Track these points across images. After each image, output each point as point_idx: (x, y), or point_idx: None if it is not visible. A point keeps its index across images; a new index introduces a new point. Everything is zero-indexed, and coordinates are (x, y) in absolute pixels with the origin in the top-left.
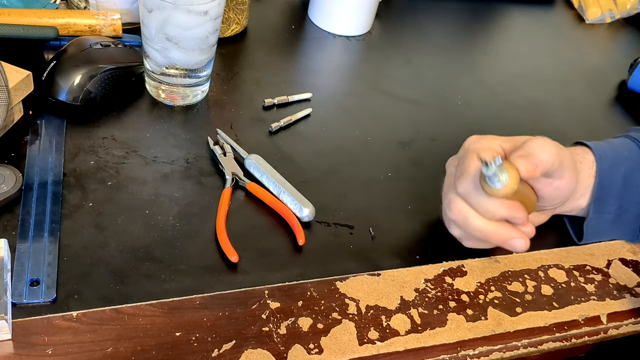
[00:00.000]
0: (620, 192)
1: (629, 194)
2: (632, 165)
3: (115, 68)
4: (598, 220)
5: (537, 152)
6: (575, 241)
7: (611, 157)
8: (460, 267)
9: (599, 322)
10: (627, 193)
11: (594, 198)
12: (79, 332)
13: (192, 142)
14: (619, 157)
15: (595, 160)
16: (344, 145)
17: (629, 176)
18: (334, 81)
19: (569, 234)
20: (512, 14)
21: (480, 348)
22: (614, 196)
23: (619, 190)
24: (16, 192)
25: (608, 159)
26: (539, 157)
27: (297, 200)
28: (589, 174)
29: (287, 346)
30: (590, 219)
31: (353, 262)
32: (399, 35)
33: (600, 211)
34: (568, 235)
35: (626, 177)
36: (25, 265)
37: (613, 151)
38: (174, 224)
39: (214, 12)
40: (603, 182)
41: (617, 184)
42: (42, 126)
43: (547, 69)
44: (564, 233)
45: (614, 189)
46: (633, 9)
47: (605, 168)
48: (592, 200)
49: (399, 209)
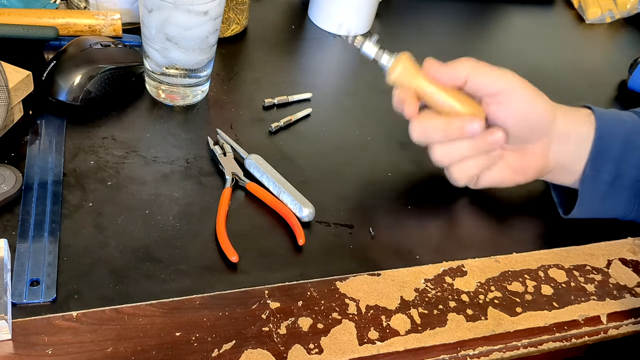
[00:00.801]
0: (619, 153)
1: (628, 155)
2: (632, 128)
3: (115, 68)
4: (594, 180)
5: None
6: (561, 214)
7: (611, 116)
8: (460, 267)
9: (599, 322)
10: (627, 155)
11: (592, 153)
12: (79, 332)
13: (192, 142)
14: (619, 119)
15: (594, 115)
16: (344, 145)
17: (629, 137)
18: (334, 81)
19: (569, 234)
20: (512, 14)
21: (480, 348)
22: (612, 156)
23: (619, 150)
24: (16, 192)
25: (608, 117)
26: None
27: (297, 200)
28: (585, 120)
29: (287, 346)
30: (586, 176)
31: (353, 262)
32: (399, 35)
33: (597, 169)
34: (568, 235)
35: (627, 138)
36: (25, 265)
37: (613, 113)
38: (174, 224)
39: (214, 12)
40: (603, 136)
41: (617, 143)
42: (42, 126)
43: (547, 69)
44: (564, 233)
45: (614, 148)
46: (633, 9)
47: (605, 124)
48: (590, 157)
49: (399, 209)
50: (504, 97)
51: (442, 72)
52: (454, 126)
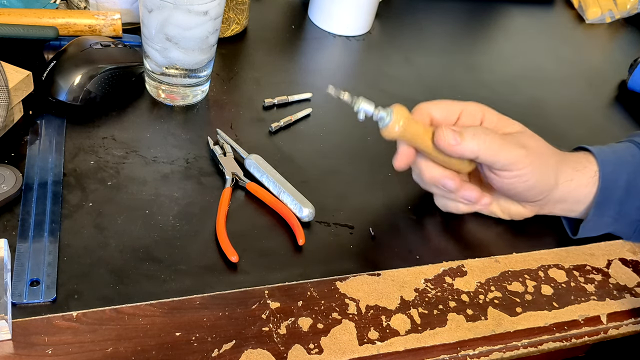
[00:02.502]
0: (621, 198)
1: (630, 199)
2: (635, 171)
3: (115, 68)
4: (596, 222)
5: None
6: (570, 235)
7: (614, 161)
8: (460, 267)
9: (599, 322)
10: (629, 198)
11: (595, 202)
12: (79, 332)
13: (192, 142)
14: (622, 163)
15: (598, 165)
16: (344, 145)
17: (631, 182)
18: (334, 81)
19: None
20: (512, 14)
21: (480, 348)
22: (615, 201)
23: (621, 195)
24: (16, 192)
25: (611, 164)
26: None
27: (297, 200)
28: (589, 182)
29: (287, 346)
30: (588, 221)
31: (353, 262)
32: (398, 35)
33: (600, 215)
34: (568, 235)
35: (629, 183)
36: (25, 265)
37: (616, 156)
38: (174, 224)
39: (214, 12)
40: (606, 186)
41: (619, 189)
42: (42, 126)
43: (547, 69)
44: (564, 233)
45: (616, 194)
46: (633, 9)
47: (608, 172)
48: (593, 205)
49: (399, 209)
50: (510, 175)
51: (459, 150)
52: (430, 174)
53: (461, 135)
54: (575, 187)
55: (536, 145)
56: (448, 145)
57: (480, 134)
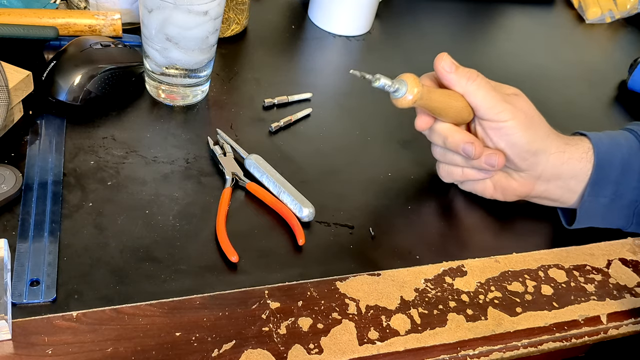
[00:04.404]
0: (617, 177)
1: (626, 179)
2: (629, 152)
3: (115, 68)
4: (592, 203)
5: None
6: (565, 226)
7: (608, 143)
8: (460, 267)
9: (599, 322)
10: (624, 178)
11: (591, 181)
12: (79, 332)
13: (192, 142)
14: (616, 144)
15: (592, 144)
16: (344, 145)
17: (626, 162)
18: (334, 81)
19: (568, 234)
20: (512, 14)
21: (480, 348)
22: (611, 181)
23: (617, 175)
24: (16, 192)
25: (605, 145)
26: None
27: (297, 200)
28: (582, 157)
29: (287, 346)
30: (585, 201)
31: (353, 262)
32: (398, 35)
33: (595, 194)
34: (568, 235)
35: (624, 162)
36: (25, 265)
37: (610, 138)
38: (174, 224)
39: (214, 12)
40: (601, 165)
41: (615, 169)
42: (42, 126)
43: (547, 69)
44: (564, 233)
45: (612, 174)
46: (633, 9)
47: (604, 151)
48: (589, 184)
49: (399, 209)
50: (495, 126)
51: (450, 79)
52: (452, 139)
53: (457, 68)
54: (567, 159)
55: (526, 107)
56: (442, 70)
57: (475, 76)
